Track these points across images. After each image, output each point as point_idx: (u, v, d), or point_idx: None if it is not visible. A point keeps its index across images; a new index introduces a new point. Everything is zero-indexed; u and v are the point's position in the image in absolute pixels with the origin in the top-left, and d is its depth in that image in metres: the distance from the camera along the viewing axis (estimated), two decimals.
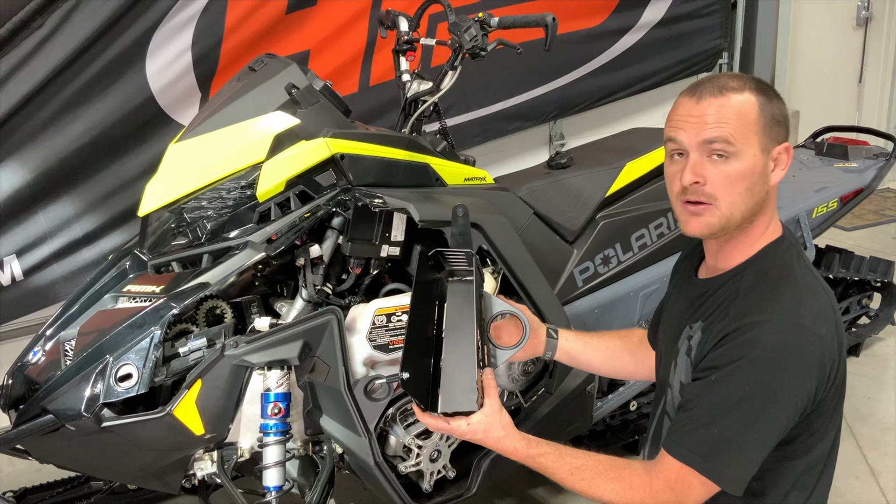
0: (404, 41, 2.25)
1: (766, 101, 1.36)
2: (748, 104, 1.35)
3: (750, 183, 1.36)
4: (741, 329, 1.31)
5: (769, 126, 1.36)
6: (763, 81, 1.40)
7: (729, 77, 1.38)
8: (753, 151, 1.35)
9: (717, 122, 1.34)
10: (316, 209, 1.85)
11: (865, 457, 2.71)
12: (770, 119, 1.36)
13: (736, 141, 1.34)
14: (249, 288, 1.98)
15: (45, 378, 1.74)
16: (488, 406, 1.41)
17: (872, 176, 3.01)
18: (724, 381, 1.30)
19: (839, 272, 3.22)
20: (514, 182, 2.34)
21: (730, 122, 1.34)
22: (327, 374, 1.78)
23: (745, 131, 1.34)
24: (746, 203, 1.37)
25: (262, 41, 2.94)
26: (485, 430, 1.40)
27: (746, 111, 1.35)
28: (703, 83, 1.39)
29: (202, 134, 1.87)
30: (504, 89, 3.75)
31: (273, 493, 1.75)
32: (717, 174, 1.35)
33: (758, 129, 1.35)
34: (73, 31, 2.53)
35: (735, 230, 1.40)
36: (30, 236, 2.66)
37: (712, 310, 1.42)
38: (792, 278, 1.37)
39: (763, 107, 1.35)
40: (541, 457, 1.41)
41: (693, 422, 1.32)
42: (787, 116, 1.40)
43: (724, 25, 4.58)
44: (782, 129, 1.38)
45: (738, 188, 1.36)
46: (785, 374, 1.28)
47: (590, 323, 2.37)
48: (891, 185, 5.64)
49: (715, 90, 1.36)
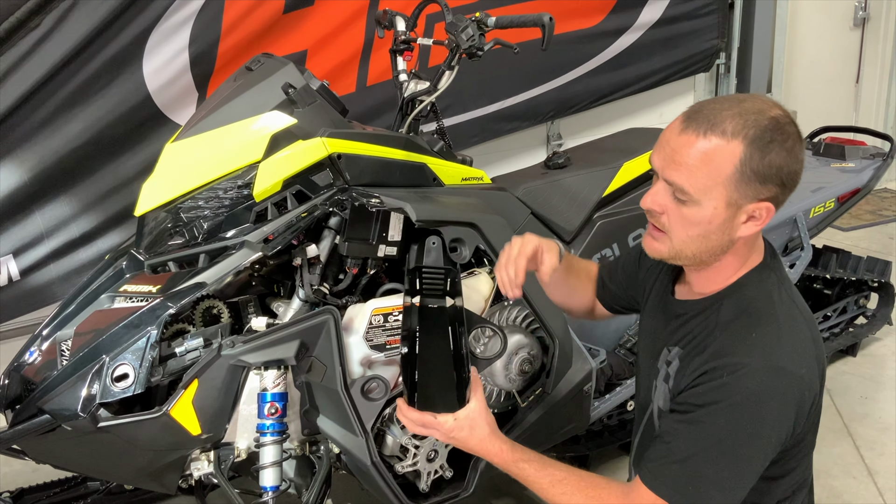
0: (401, 41, 2.25)
1: (755, 155, 1.23)
2: (728, 155, 1.24)
3: (704, 231, 1.30)
4: (719, 370, 1.28)
5: (746, 181, 1.24)
6: (775, 128, 1.25)
7: (734, 115, 1.25)
8: (715, 204, 1.27)
9: (683, 164, 1.26)
10: (313, 209, 1.85)
11: (863, 457, 2.71)
12: (751, 174, 1.24)
13: (694, 192, 1.26)
14: (246, 288, 1.98)
15: (41, 378, 1.74)
16: (475, 403, 1.41)
17: (869, 176, 3.01)
18: (702, 421, 1.28)
19: (836, 272, 3.23)
20: (512, 182, 2.34)
21: (697, 170, 1.25)
22: (324, 374, 1.78)
23: (709, 183, 1.25)
24: (698, 246, 1.32)
25: (259, 41, 2.93)
26: (470, 426, 1.39)
27: (721, 163, 1.24)
28: (703, 109, 1.28)
29: (199, 133, 1.87)
30: (501, 89, 3.75)
31: (270, 493, 1.75)
32: (674, 211, 1.31)
33: (729, 183, 1.25)
34: (70, 30, 2.52)
35: (699, 263, 1.37)
36: (26, 236, 2.65)
37: (690, 339, 1.40)
38: (772, 314, 1.33)
39: (747, 161, 1.23)
40: (524, 462, 1.40)
41: (669, 455, 1.31)
42: (785, 171, 1.26)
43: (722, 26, 4.58)
44: (769, 186, 1.26)
45: (690, 231, 1.31)
46: (763, 418, 1.26)
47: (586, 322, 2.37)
48: (888, 185, 5.65)
49: (703, 127, 1.25)
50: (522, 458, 1.41)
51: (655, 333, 1.53)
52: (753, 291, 1.36)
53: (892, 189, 5.66)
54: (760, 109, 1.26)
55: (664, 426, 1.36)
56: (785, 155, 1.25)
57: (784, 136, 1.25)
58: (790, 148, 1.25)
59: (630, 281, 1.72)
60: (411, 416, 1.41)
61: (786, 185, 1.27)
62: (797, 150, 1.27)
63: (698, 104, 1.30)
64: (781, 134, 1.24)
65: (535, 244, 1.50)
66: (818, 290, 3.42)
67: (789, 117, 1.28)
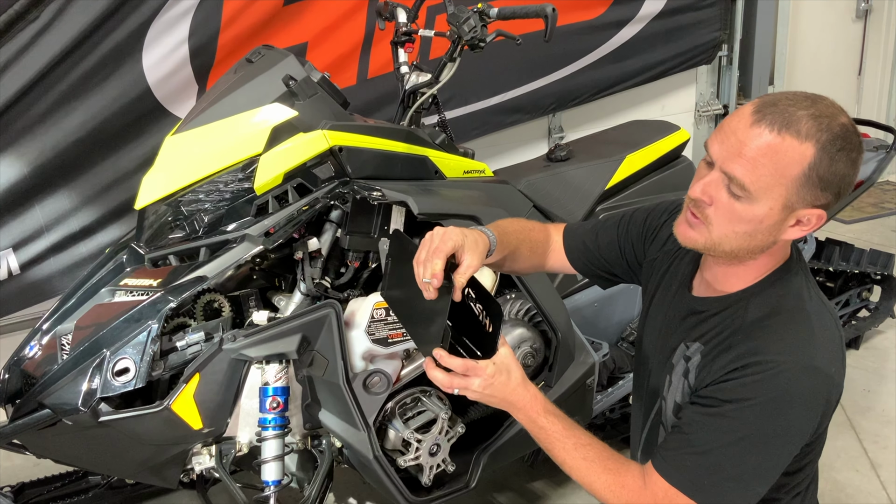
0: (403, 33, 2.23)
1: (824, 160, 1.19)
2: (799, 157, 1.19)
3: (752, 230, 1.26)
4: (752, 366, 1.25)
5: (809, 186, 1.21)
6: (845, 136, 1.21)
7: (810, 117, 1.20)
8: (771, 205, 1.23)
9: (750, 160, 1.21)
10: (314, 202, 1.84)
11: (866, 450, 2.71)
12: (816, 179, 1.20)
13: (755, 189, 1.22)
14: (247, 281, 1.97)
15: (41, 372, 1.73)
16: (505, 349, 1.35)
17: (873, 168, 2.99)
18: (728, 416, 1.25)
19: (839, 265, 3.22)
20: (514, 175, 2.33)
21: (762, 167, 1.20)
22: (326, 368, 1.77)
23: (773, 183, 1.21)
24: (740, 243, 1.29)
25: (259, 33, 2.92)
26: (507, 370, 1.33)
27: (790, 164, 1.20)
28: (780, 102, 1.22)
29: (199, 126, 1.86)
30: (503, 82, 3.74)
31: (272, 487, 1.74)
32: (724, 204, 1.26)
33: (792, 185, 1.21)
34: (69, 22, 2.51)
35: (732, 258, 1.34)
36: (26, 230, 2.65)
37: (713, 335, 1.36)
38: (804, 312, 1.30)
39: (815, 166, 1.19)
40: (554, 416, 1.36)
41: (688, 447, 1.28)
42: (846, 181, 1.23)
43: (724, 17, 4.56)
44: (827, 194, 1.22)
45: (737, 228, 1.27)
46: (792, 417, 1.24)
47: (589, 316, 2.36)
48: (890, 177, 5.64)
49: (778, 124, 1.20)
50: (553, 410, 1.37)
51: (668, 329, 1.49)
52: (783, 290, 1.33)
53: (893, 181, 5.65)
54: (833, 114, 1.22)
55: (685, 417, 1.33)
56: (850, 165, 1.22)
57: (852, 145, 1.22)
58: (855, 159, 1.22)
59: (630, 251, 1.65)
60: (452, 364, 1.32)
61: (841, 194, 1.24)
62: (860, 161, 1.24)
63: (771, 97, 1.25)
64: (850, 143, 1.21)
65: (455, 242, 1.32)
66: (821, 283, 3.41)
67: (854, 126, 1.24)
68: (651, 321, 1.59)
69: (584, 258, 1.70)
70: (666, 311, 1.53)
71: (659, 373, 1.49)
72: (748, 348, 1.28)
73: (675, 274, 1.53)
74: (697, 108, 5.01)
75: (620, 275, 1.70)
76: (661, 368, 1.48)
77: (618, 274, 1.70)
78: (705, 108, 5.03)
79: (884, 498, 2.48)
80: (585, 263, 1.71)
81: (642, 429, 1.59)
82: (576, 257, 1.70)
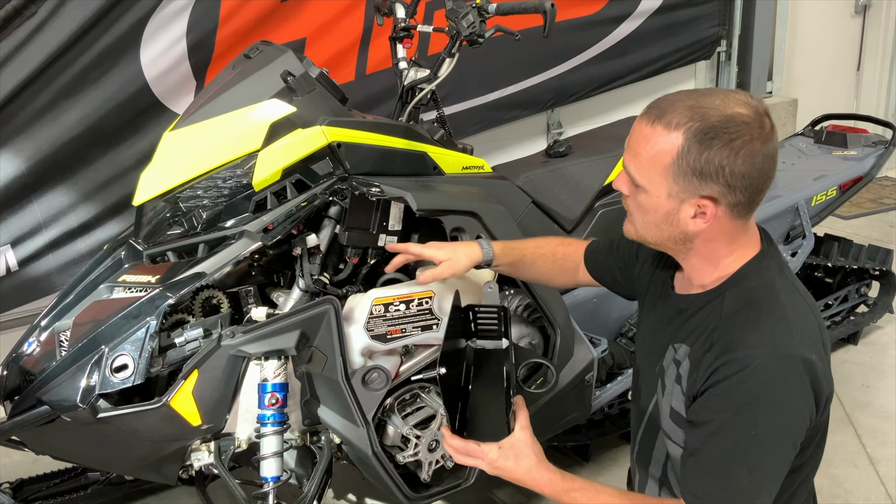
0: (401, 28, 2.23)
1: (694, 148, 1.21)
2: (667, 146, 1.23)
3: (657, 219, 1.31)
4: (729, 365, 1.25)
5: (683, 175, 1.23)
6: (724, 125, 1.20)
7: (686, 108, 1.23)
8: (658, 194, 1.28)
9: (634, 153, 1.29)
10: (313, 198, 1.83)
11: (864, 446, 2.71)
12: (686, 168, 1.23)
13: (640, 179, 1.29)
14: (246, 277, 1.97)
15: (40, 369, 1.73)
16: (519, 431, 1.37)
17: (871, 164, 3.00)
18: (727, 427, 1.25)
19: (838, 261, 3.22)
20: (512, 171, 2.33)
21: (642, 158, 1.27)
22: (325, 364, 1.77)
23: (652, 173, 1.26)
24: (655, 233, 1.34)
25: (257, 29, 2.91)
26: (516, 455, 1.36)
27: (662, 153, 1.24)
28: (665, 99, 1.28)
29: (197, 122, 1.85)
30: (501, 77, 3.73)
31: (271, 483, 1.74)
32: (633, 196, 1.34)
33: (667, 174, 1.25)
34: (67, 18, 2.50)
35: (668, 251, 1.38)
36: (24, 226, 2.64)
37: (697, 335, 1.37)
38: (776, 301, 1.30)
39: (684, 154, 1.22)
40: (576, 491, 1.35)
41: (705, 473, 1.27)
42: (727, 171, 1.22)
43: (723, 13, 4.56)
44: (711, 184, 1.23)
45: (646, 218, 1.33)
46: (785, 408, 1.24)
47: (588, 312, 2.36)
48: (888, 173, 5.63)
49: (653, 116, 1.26)
50: (573, 486, 1.36)
51: (656, 331, 1.50)
52: (755, 281, 1.34)
53: (892, 177, 5.64)
54: (719, 106, 1.22)
55: (691, 442, 1.32)
56: (727, 153, 1.21)
57: (733, 134, 1.20)
58: (738, 147, 1.20)
59: (627, 266, 1.70)
60: (454, 444, 1.38)
61: (733, 186, 1.23)
62: (750, 151, 1.21)
63: (668, 94, 1.30)
64: (729, 133, 1.20)
65: None
66: (819, 278, 3.41)
67: (759, 119, 1.22)
68: (642, 324, 1.61)
69: (607, 277, 1.78)
70: (655, 314, 1.54)
71: (651, 376, 1.49)
72: (725, 344, 1.28)
73: (661, 275, 1.55)
74: None
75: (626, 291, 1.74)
76: (653, 371, 1.48)
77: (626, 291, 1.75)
78: None
79: (882, 494, 2.48)
80: (601, 276, 1.79)
81: (637, 431, 1.59)
82: (599, 276, 1.80)
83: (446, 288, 1.87)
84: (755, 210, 1.31)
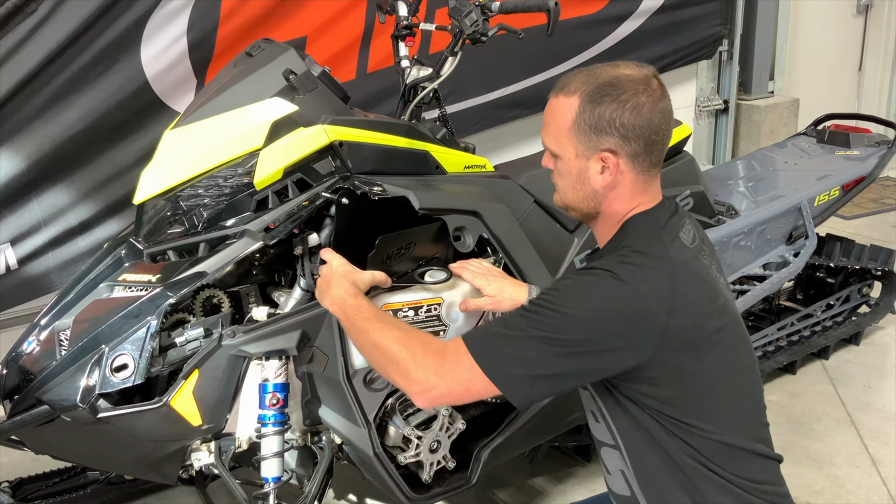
0: (403, 26, 2.22)
1: (589, 107, 1.38)
2: (567, 109, 1.41)
3: (571, 181, 1.46)
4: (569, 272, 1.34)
5: (584, 133, 1.40)
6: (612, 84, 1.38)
7: (581, 75, 1.42)
8: (568, 156, 1.44)
9: (546, 125, 1.47)
10: (314, 197, 1.82)
11: (866, 446, 2.70)
12: (585, 126, 1.39)
13: (554, 148, 1.46)
14: (247, 277, 1.96)
15: (39, 368, 1.72)
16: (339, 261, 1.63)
17: (874, 164, 2.99)
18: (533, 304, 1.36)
19: (840, 261, 3.22)
20: (515, 170, 2.32)
21: (551, 127, 1.45)
22: (326, 365, 1.76)
23: (560, 137, 1.44)
24: (573, 195, 1.48)
25: (258, 26, 2.91)
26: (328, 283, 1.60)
27: (563, 116, 1.42)
28: (567, 75, 1.45)
29: (198, 121, 1.84)
30: (504, 76, 3.73)
31: (271, 483, 1.74)
32: (554, 166, 1.50)
33: (571, 135, 1.41)
34: (67, 16, 2.49)
35: (584, 216, 1.50)
36: (24, 225, 2.63)
37: None
38: (634, 244, 1.39)
39: (581, 114, 1.39)
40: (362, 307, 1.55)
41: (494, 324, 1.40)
42: (618, 122, 1.37)
43: (725, 12, 4.56)
44: (608, 137, 1.39)
45: (564, 182, 1.48)
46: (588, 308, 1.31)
47: None
48: (890, 173, 5.63)
49: (557, 90, 1.44)
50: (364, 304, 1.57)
51: None
52: (629, 231, 1.45)
53: (893, 177, 5.64)
54: (609, 70, 1.41)
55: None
56: (616, 107, 1.37)
57: (619, 90, 1.37)
58: (624, 101, 1.36)
59: None
60: None
61: (626, 136, 1.38)
62: (636, 103, 1.36)
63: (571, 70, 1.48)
64: (617, 89, 1.37)
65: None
66: (821, 278, 3.41)
67: (646, 79, 1.39)
68: None
69: None
70: None
71: None
72: None
73: None
74: (698, 104, 5.01)
75: None
76: None
77: None
78: (706, 103, 5.03)
79: (884, 494, 2.47)
80: None
81: None
82: None
83: (455, 295, 1.87)
84: (658, 166, 1.45)
